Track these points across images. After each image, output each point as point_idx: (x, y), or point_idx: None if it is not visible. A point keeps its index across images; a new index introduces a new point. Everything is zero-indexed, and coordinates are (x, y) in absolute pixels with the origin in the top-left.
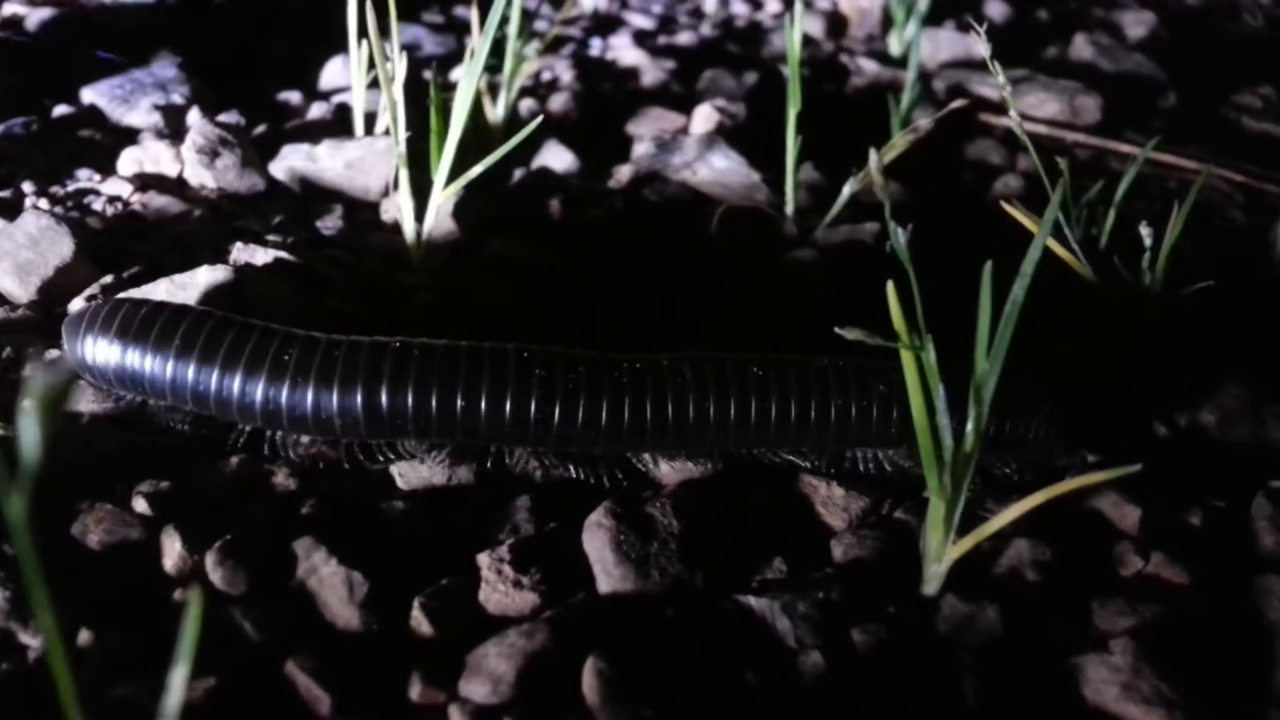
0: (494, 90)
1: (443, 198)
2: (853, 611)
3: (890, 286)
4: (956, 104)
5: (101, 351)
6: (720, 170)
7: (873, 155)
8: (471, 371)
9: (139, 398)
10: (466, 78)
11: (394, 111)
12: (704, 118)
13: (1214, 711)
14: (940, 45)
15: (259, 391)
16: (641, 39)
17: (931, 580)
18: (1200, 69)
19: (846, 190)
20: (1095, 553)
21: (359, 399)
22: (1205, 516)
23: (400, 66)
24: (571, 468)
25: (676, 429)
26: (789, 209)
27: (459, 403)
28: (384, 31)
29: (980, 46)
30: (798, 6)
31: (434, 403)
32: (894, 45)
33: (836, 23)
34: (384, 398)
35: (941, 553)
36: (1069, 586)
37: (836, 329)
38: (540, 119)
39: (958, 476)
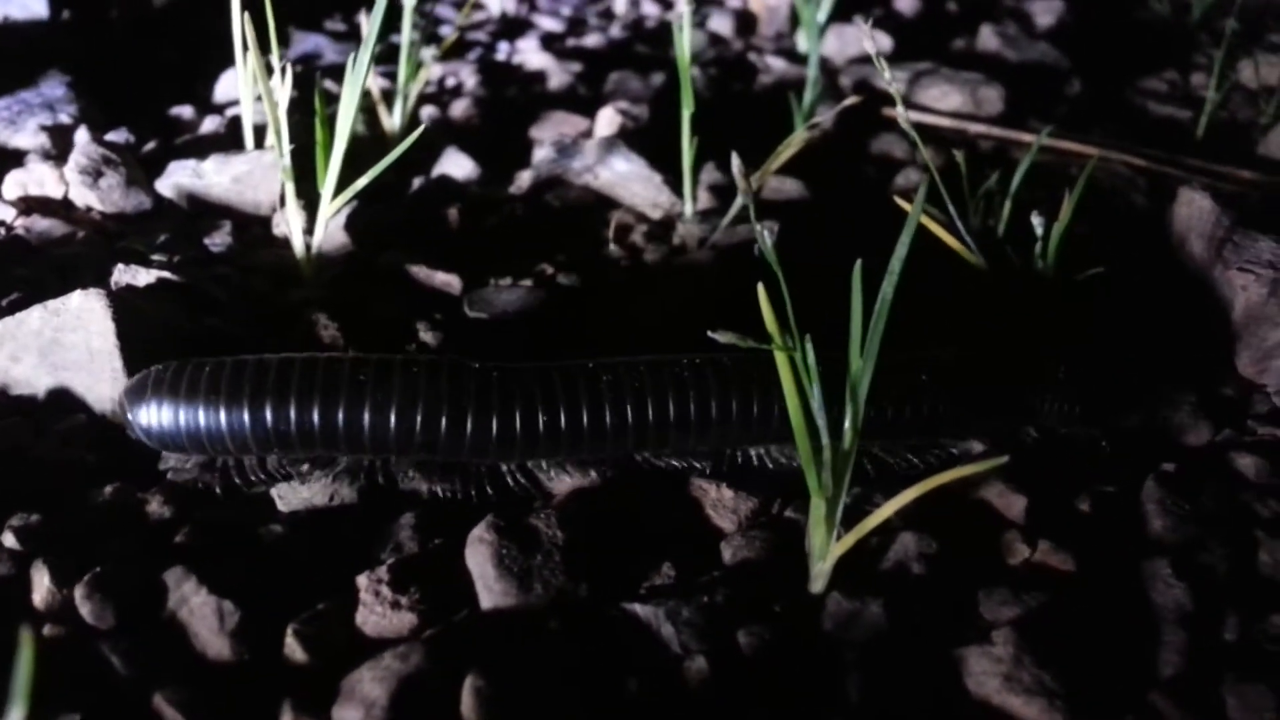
0: (394, 98)
1: (330, 210)
2: (739, 613)
3: (760, 288)
4: (850, 101)
5: (171, 415)
6: (621, 173)
7: (735, 160)
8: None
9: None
10: (349, 88)
11: (277, 125)
12: (607, 120)
13: (1097, 698)
14: (848, 41)
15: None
16: (549, 42)
17: (818, 578)
18: (1108, 55)
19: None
20: (982, 543)
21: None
22: (1094, 502)
23: (286, 79)
24: (459, 482)
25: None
26: (687, 211)
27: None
28: (283, 41)
29: (884, 41)
30: (686, 12)
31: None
32: (802, 43)
33: (745, 21)
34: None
35: (826, 550)
36: (955, 578)
37: (709, 332)
38: (422, 128)
39: (838, 474)
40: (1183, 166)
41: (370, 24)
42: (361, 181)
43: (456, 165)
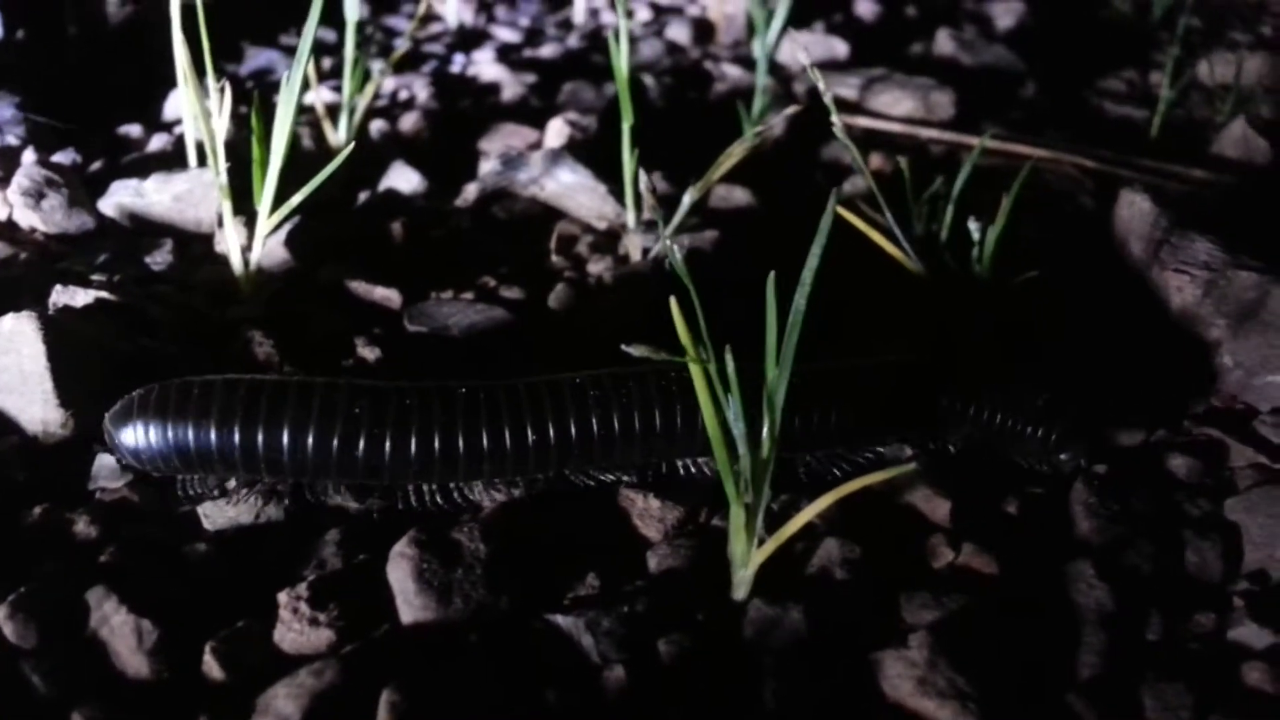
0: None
1: (268, 227)
2: (661, 622)
3: (673, 302)
4: (792, 109)
5: (156, 434)
6: (567, 184)
7: (643, 176)
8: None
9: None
10: (283, 104)
11: (213, 143)
12: (556, 132)
13: (1012, 701)
14: (805, 48)
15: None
16: (506, 53)
17: (740, 586)
18: (1067, 56)
19: (686, 200)
20: (907, 547)
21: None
22: (1022, 505)
23: (225, 97)
24: (386, 498)
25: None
26: (630, 221)
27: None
28: (235, 56)
29: (840, 47)
30: (623, 25)
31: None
32: (757, 50)
33: (704, 29)
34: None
35: (747, 558)
36: (878, 582)
37: (623, 346)
38: (352, 145)
39: (757, 482)
40: (1134, 167)
41: (303, 39)
42: (296, 198)
43: (403, 179)
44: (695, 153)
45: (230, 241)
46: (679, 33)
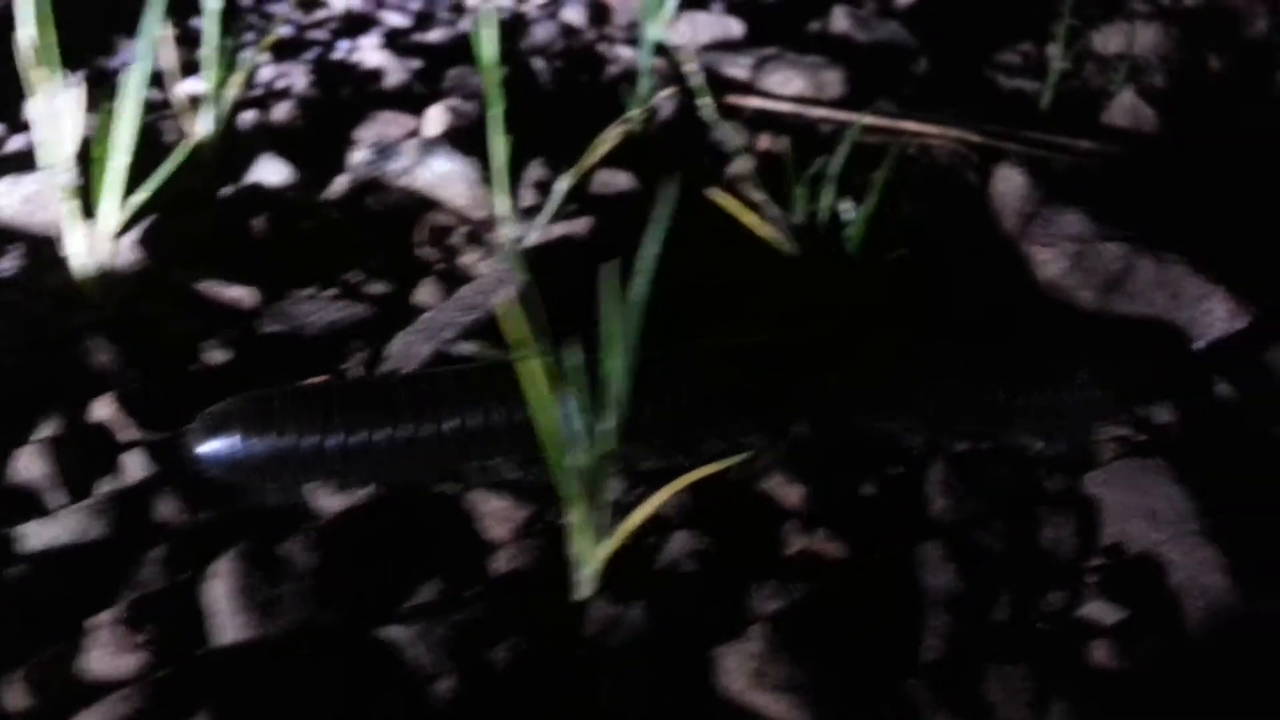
0: (221, 104)
1: (115, 227)
2: (498, 627)
3: (502, 298)
4: (666, 93)
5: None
6: (441, 173)
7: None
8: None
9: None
10: (127, 98)
11: (54, 142)
12: (435, 118)
13: (851, 690)
14: (700, 28)
15: None
16: (393, 38)
17: (583, 585)
18: (966, 29)
19: (560, 187)
20: (761, 536)
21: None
22: (881, 486)
23: (75, 94)
24: (217, 509)
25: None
26: (500, 210)
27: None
28: (106, 49)
29: (735, 27)
30: (485, 6)
31: None
32: (652, 31)
33: (600, 11)
34: None
35: (589, 556)
36: (727, 574)
37: (455, 346)
38: (199, 140)
39: (596, 478)
40: (1022, 140)
41: (144, 26)
42: (139, 196)
43: (272, 171)
44: (583, 137)
45: (73, 244)
46: (574, 14)
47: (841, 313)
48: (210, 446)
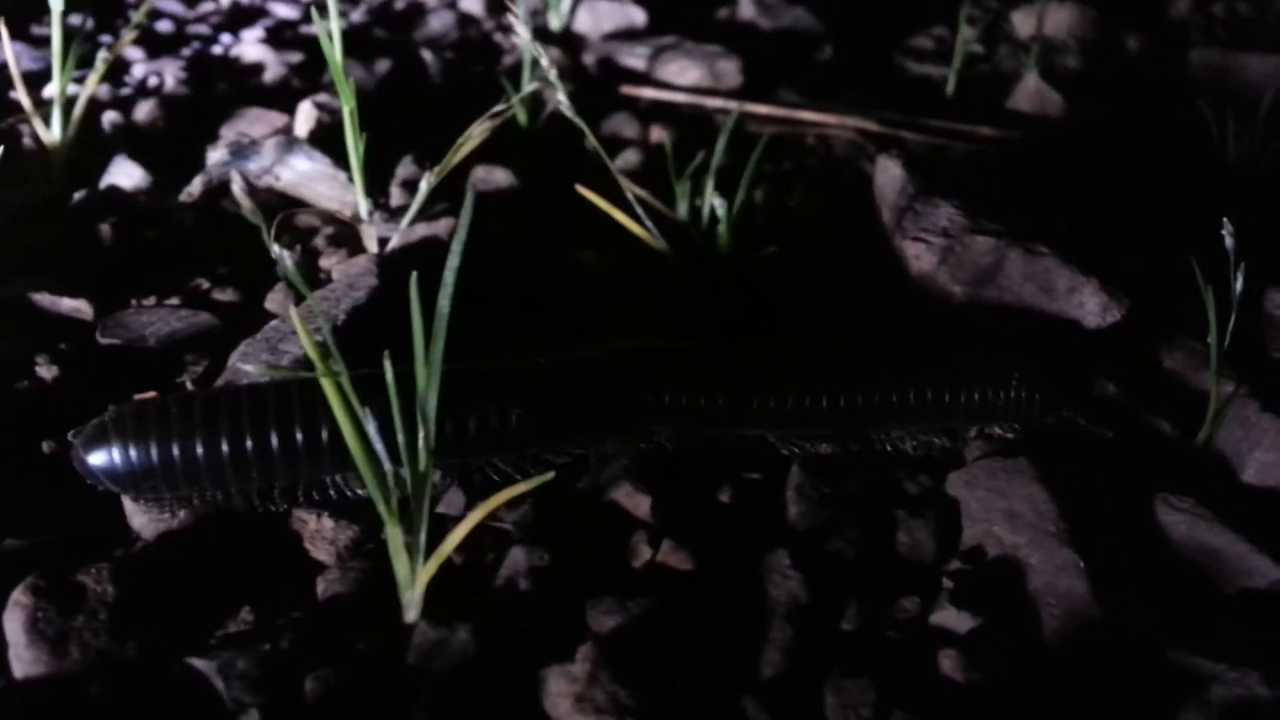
0: (95, 105)
1: None
2: (314, 656)
3: (293, 311)
4: (531, 86)
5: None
6: (304, 173)
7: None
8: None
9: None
10: None
11: None
12: (305, 115)
13: (681, 710)
14: (601, 17)
15: None
16: (280, 31)
17: (409, 608)
18: (876, 14)
19: (424, 186)
20: (607, 549)
21: None
22: (736, 493)
23: None
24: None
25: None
26: (363, 210)
27: None
28: None
29: (638, 15)
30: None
31: None
32: (553, 20)
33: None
34: None
35: (412, 578)
36: (566, 591)
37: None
38: (57, 145)
39: (416, 497)
40: (922, 128)
41: None
42: None
43: (125, 174)
44: (460, 134)
45: None
46: (472, 3)
47: (691, 316)
48: (98, 458)
